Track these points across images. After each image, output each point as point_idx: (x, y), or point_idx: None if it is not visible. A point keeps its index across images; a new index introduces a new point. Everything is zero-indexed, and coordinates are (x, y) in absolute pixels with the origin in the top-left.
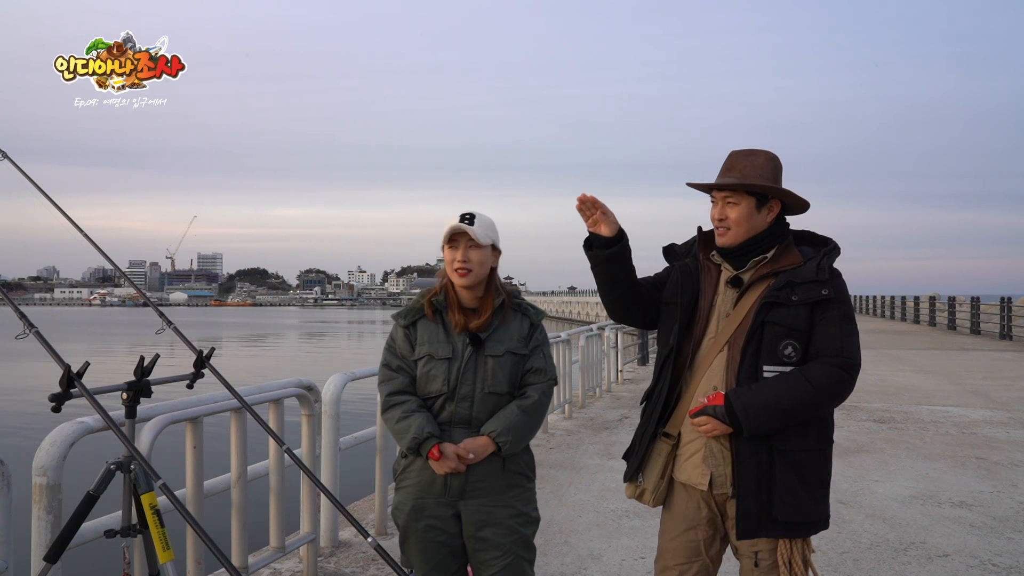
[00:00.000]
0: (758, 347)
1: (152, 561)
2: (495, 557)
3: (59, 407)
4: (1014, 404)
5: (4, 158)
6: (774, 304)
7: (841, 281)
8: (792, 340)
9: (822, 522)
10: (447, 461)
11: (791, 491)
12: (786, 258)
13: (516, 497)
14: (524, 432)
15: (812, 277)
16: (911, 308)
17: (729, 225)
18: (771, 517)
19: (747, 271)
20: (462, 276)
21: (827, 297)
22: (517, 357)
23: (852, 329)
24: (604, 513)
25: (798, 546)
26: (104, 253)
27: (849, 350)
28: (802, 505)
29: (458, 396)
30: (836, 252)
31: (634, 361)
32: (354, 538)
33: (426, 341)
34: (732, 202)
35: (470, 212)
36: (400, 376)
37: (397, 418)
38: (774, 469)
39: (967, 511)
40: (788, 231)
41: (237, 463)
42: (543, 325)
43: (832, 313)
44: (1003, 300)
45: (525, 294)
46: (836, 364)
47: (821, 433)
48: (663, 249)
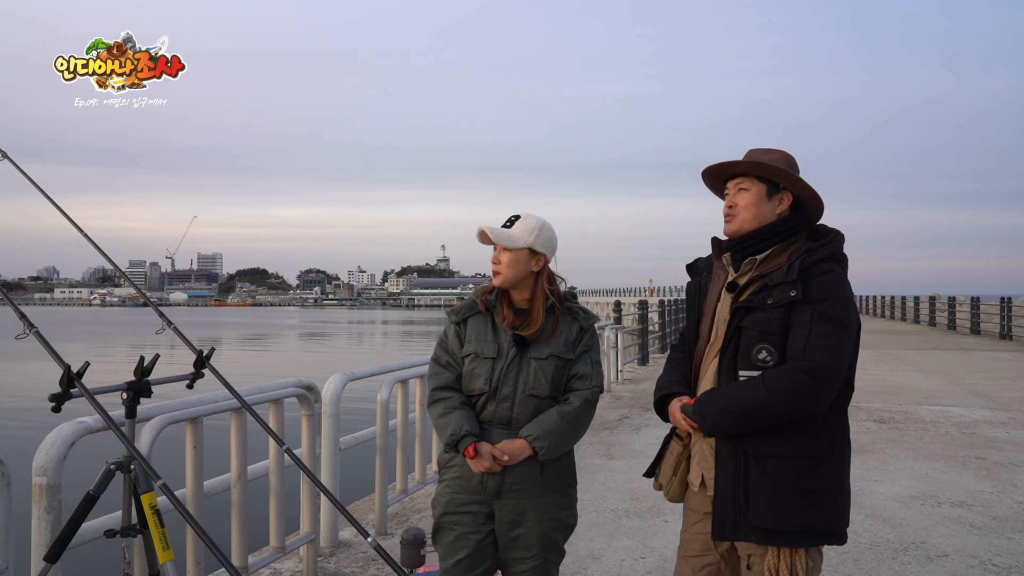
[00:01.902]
0: (735, 352)
1: (152, 561)
2: (524, 557)
3: (59, 407)
4: (1014, 404)
5: (4, 158)
6: (749, 308)
7: (828, 279)
8: (767, 344)
9: (818, 534)
10: (482, 460)
11: (766, 497)
12: (775, 260)
13: (553, 503)
14: (563, 439)
15: (783, 279)
16: (911, 308)
17: (737, 212)
18: (747, 521)
19: (742, 275)
20: (495, 276)
21: (796, 299)
22: (562, 361)
23: (827, 330)
24: (604, 513)
25: (786, 557)
26: (104, 253)
27: (815, 352)
28: (777, 513)
29: (499, 396)
30: (827, 247)
31: (634, 361)
32: (354, 538)
33: (474, 339)
34: (743, 188)
35: (517, 214)
36: (447, 372)
37: (439, 413)
38: (750, 473)
39: (967, 511)
40: (798, 231)
41: (237, 463)
42: (595, 329)
43: (805, 314)
44: (1003, 300)
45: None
46: (796, 368)
47: (808, 441)
48: (687, 266)
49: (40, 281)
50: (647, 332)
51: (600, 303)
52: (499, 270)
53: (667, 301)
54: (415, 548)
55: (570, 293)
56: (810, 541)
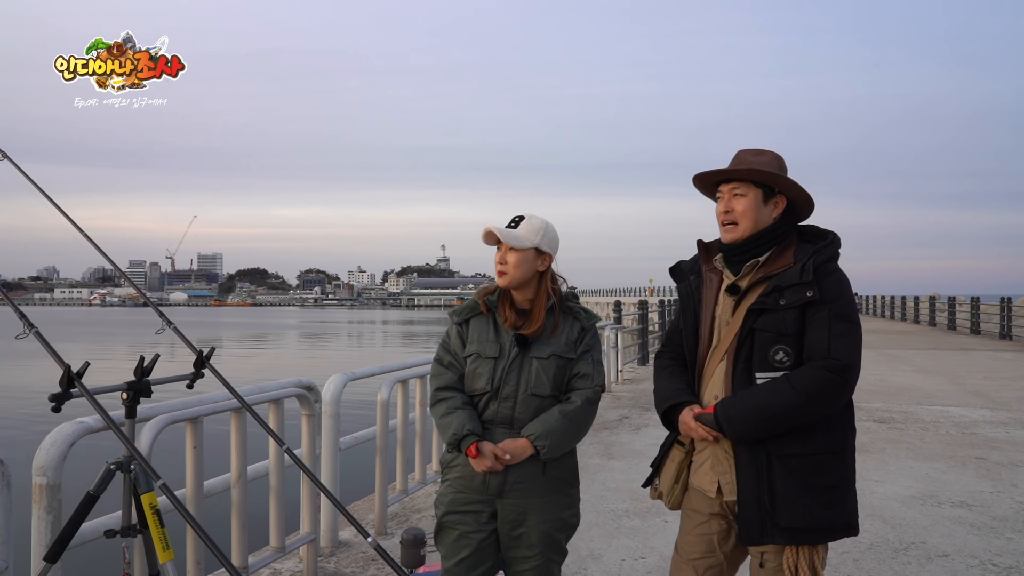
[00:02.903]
0: (749, 354)
1: (152, 561)
2: (526, 557)
3: (59, 407)
4: (1014, 404)
5: (4, 158)
6: (763, 310)
7: (834, 278)
8: (783, 345)
9: (839, 528)
10: (484, 459)
11: (793, 496)
12: (779, 261)
13: (555, 502)
14: (564, 438)
15: (797, 279)
16: (911, 308)
17: (735, 218)
18: (775, 523)
19: (743, 277)
20: (500, 276)
21: (813, 299)
22: (564, 361)
23: (845, 329)
24: (604, 513)
25: (805, 553)
26: (104, 253)
27: (838, 351)
28: (808, 511)
29: (501, 396)
30: (831, 248)
31: (634, 361)
32: (354, 538)
33: (476, 339)
34: (739, 193)
35: (520, 215)
36: (449, 372)
37: (442, 413)
38: (774, 475)
39: (967, 511)
40: (789, 232)
41: (237, 463)
42: (596, 330)
43: (821, 314)
44: (1003, 300)
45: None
46: (823, 367)
47: (827, 437)
48: (670, 269)
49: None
50: (647, 332)
51: (600, 303)
52: (505, 270)
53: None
54: (415, 548)
55: (571, 293)
56: (832, 536)
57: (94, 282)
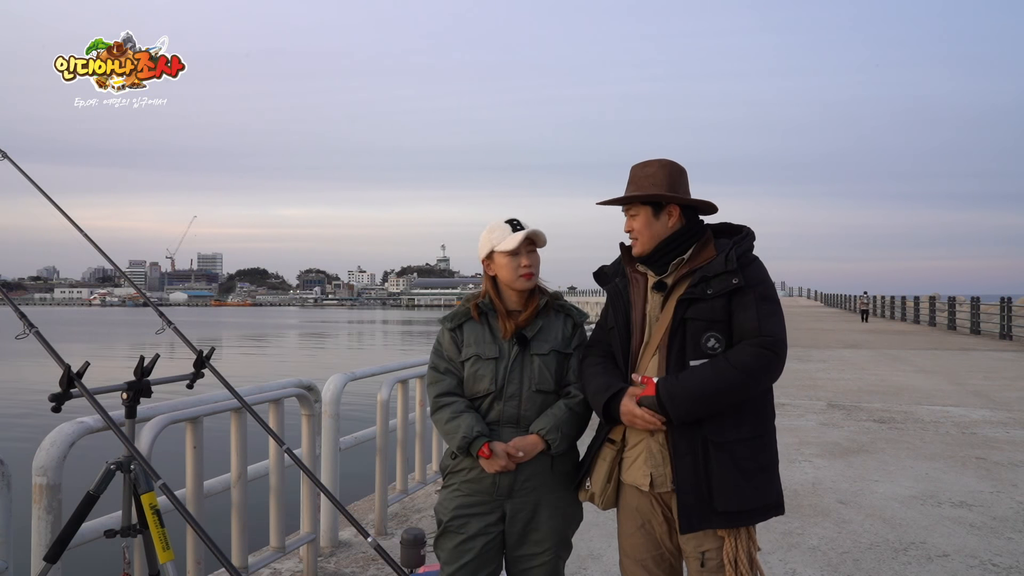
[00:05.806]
0: (683, 343)
1: (152, 561)
2: (536, 553)
3: (59, 407)
4: (1014, 404)
5: (4, 158)
6: (692, 300)
7: (756, 266)
8: (714, 332)
9: (770, 508)
10: (497, 459)
11: (730, 481)
12: (702, 255)
13: (562, 498)
14: (572, 430)
15: (722, 269)
16: (911, 308)
17: (636, 235)
18: (712, 508)
19: (669, 274)
20: (528, 280)
21: (738, 285)
22: (562, 356)
23: (772, 309)
24: (604, 513)
25: (743, 544)
26: (104, 253)
27: (769, 328)
28: (742, 493)
29: (506, 395)
30: (748, 240)
31: None
32: (354, 538)
33: (473, 343)
34: (632, 214)
35: (515, 218)
36: (448, 378)
37: (446, 419)
38: (710, 461)
39: (967, 511)
40: (704, 229)
41: (237, 463)
42: (584, 326)
43: (748, 298)
44: (1003, 300)
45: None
46: (758, 343)
47: (757, 420)
48: (593, 274)
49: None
50: None
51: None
52: (533, 271)
53: None
54: (415, 548)
55: (557, 293)
56: (764, 515)
57: (94, 282)
